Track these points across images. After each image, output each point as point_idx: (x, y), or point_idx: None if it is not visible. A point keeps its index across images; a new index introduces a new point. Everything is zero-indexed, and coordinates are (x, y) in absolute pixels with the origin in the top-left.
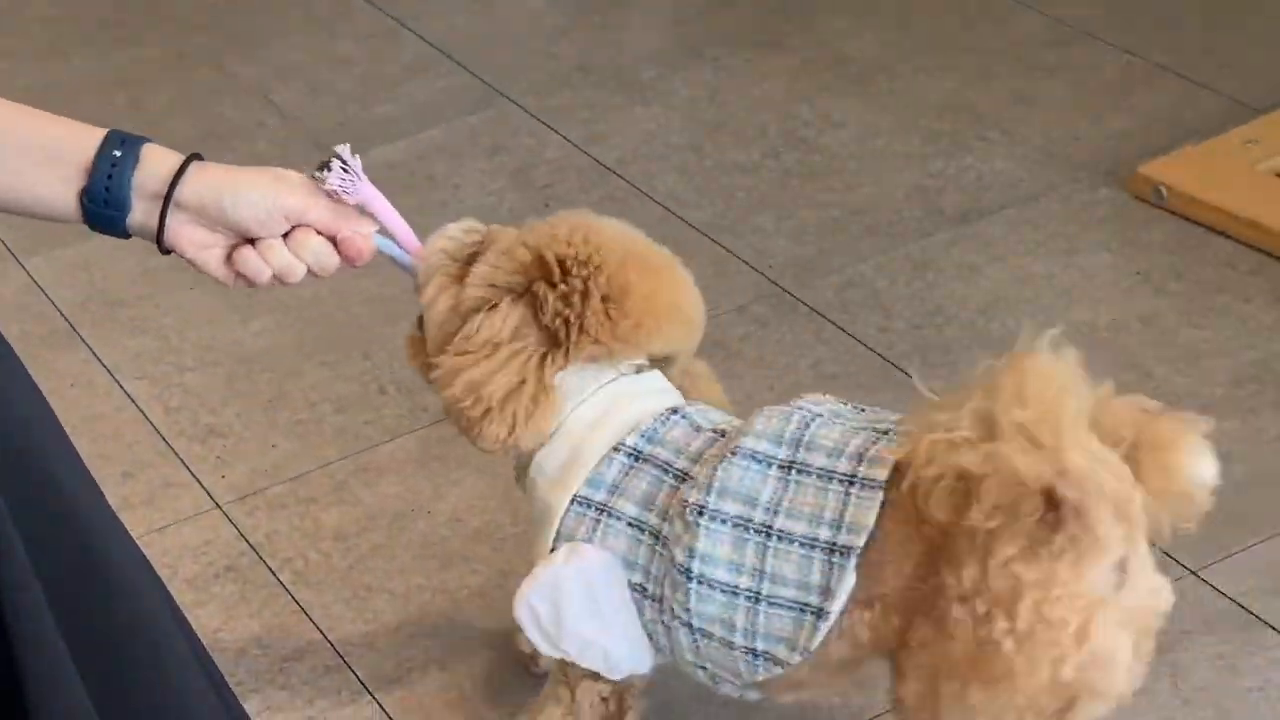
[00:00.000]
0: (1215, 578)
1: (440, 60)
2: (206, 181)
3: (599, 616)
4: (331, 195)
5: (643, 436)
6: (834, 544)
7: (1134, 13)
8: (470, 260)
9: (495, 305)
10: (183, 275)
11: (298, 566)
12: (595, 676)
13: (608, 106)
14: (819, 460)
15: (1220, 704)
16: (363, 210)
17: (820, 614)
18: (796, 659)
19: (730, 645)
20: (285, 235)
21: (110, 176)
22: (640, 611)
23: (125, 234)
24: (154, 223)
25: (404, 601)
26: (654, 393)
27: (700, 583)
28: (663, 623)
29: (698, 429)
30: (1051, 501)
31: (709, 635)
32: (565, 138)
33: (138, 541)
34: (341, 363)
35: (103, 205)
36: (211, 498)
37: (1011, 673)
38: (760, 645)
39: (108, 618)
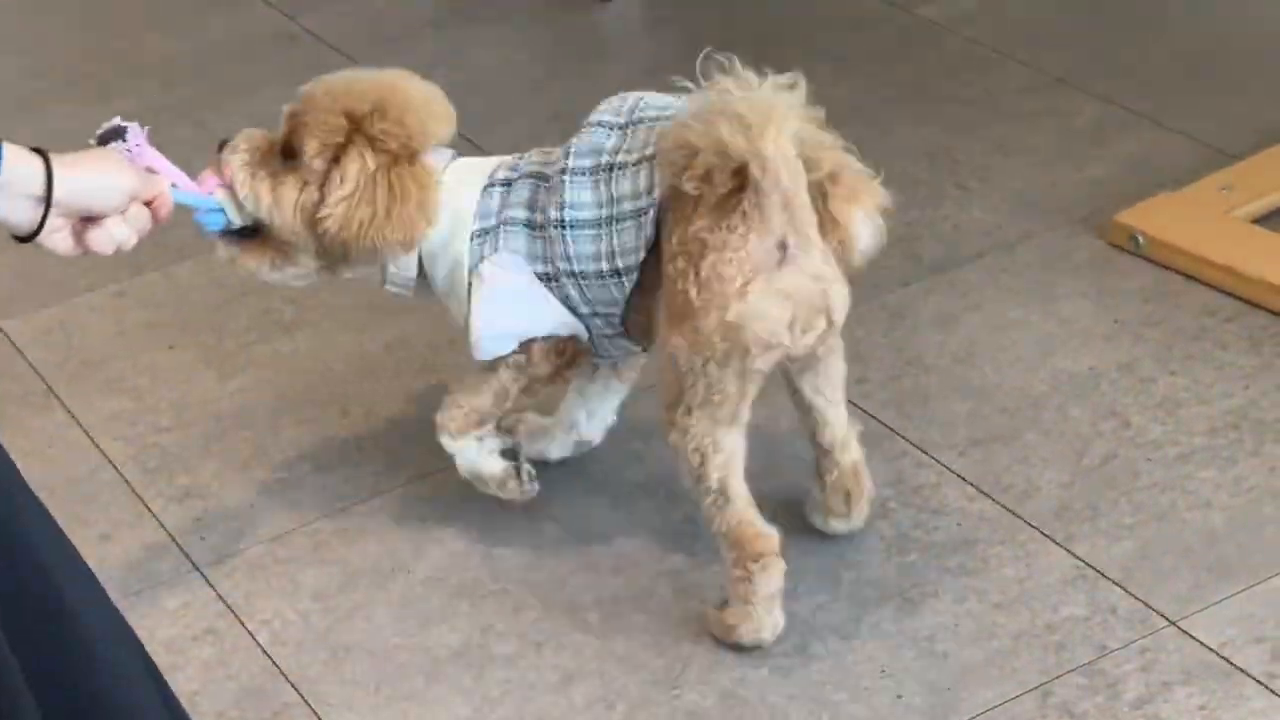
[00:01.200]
0: (1195, 629)
1: None
2: (69, 184)
3: (515, 304)
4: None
5: (509, 169)
6: (651, 157)
7: (1110, 61)
8: (267, 158)
9: (337, 159)
10: (159, 334)
11: (275, 627)
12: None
13: None
14: (642, 134)
15: None
16: (149, 171)
17: (646, 210)
18: (640, 256)
19: (601, 275)
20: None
21: None
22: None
23: None
24: (24, 218)
25: (383, 661)
26: (479, 162)
27: (572, 227)
28: (556, 294)
29: (548, 151)
30: (739, 181)
31: (586, 276)
32: None
33: (115, 605)
34: (319, 420)
35: None
36: (189, 559)
37: (692, 311)
38: (620, 264)
39: (83, 680)
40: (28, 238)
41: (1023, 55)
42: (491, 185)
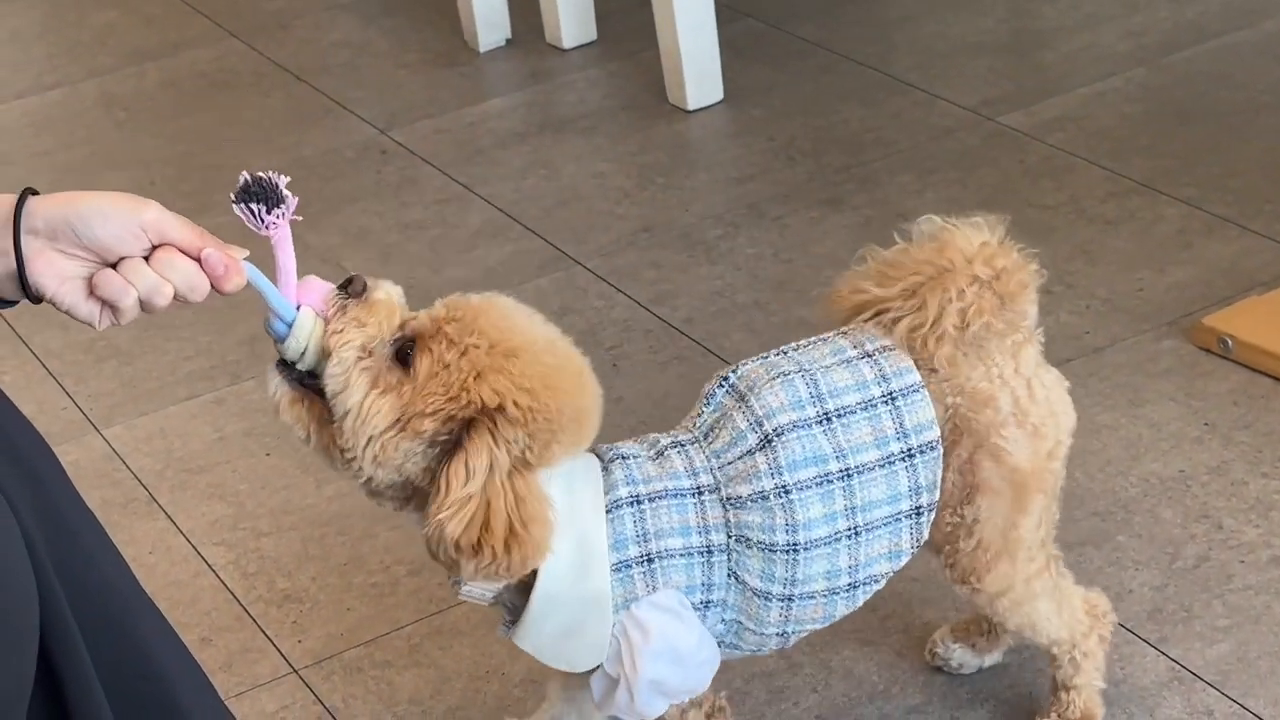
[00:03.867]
0: None
1: (509, 225)
2: (52, 203)
3: (685, 657)
4: (250, 220)
5: (626, 485)
6: (909, 450)
7: (1194, 166)
8: (399, 354)
9: (457, 449)
10: (257, 441)
11: None
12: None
13: (673, 266)
14: (851, 399)
15: None
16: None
17: (919, 511)
18: (903, 561)
19: (833, 592)
20: (148, 258)
21: None
22: (703, 621)
23: None
24: (13, 262)
25: None
26: (577, 467)
27: (806, 549)
28: (723, 620)
29: (654, 455)
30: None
31: (811, 595)
32: (632, 298)
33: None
34: (413, 526)
35: None
36: (289, 663)
37: (1058, 441)
38: (863, 574)
39: None
40: (30, 292)
41: (1106, 161)
42: (617, 505)
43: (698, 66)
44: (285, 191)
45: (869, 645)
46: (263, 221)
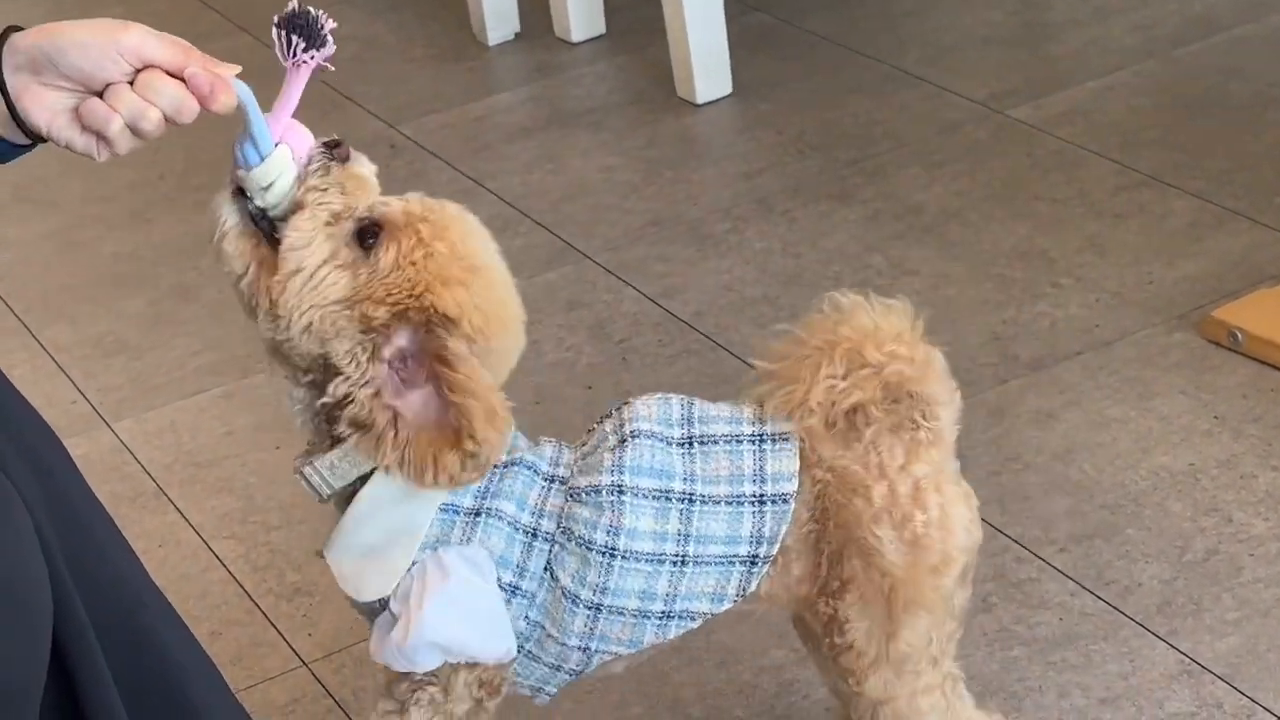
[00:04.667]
0: None
1: (518, 218)
2: (31, 37)
3: (473, 617)
4: (281, 48)
5: None
6: (762, 495)
7: (1203, 160)
8: (360, 234)
9: (447, 355)
10: (266, 435)
11: None
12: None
13: (681, 260)
14: (720, 429)
15: None
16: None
17: (754, 561)
18: (724, 607)
19: (644, 615)
20: (132, 83)
21: None
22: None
23: None
24: (3, 102)
25: None
26: None
27: (625, 558)
28: (526, 617)
29: (536, 441)
30: (908, 403)
31: (620, 611)
32: (641, 292)
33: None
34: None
35: None
36: (298, 656)
37: (947, 557)
38: (679, 606)
39: None
40: (24, 126)
41: (1115, 154)
42: None
43: (706, 60)
44: (328, 35)
45: None
46: (293, 55)
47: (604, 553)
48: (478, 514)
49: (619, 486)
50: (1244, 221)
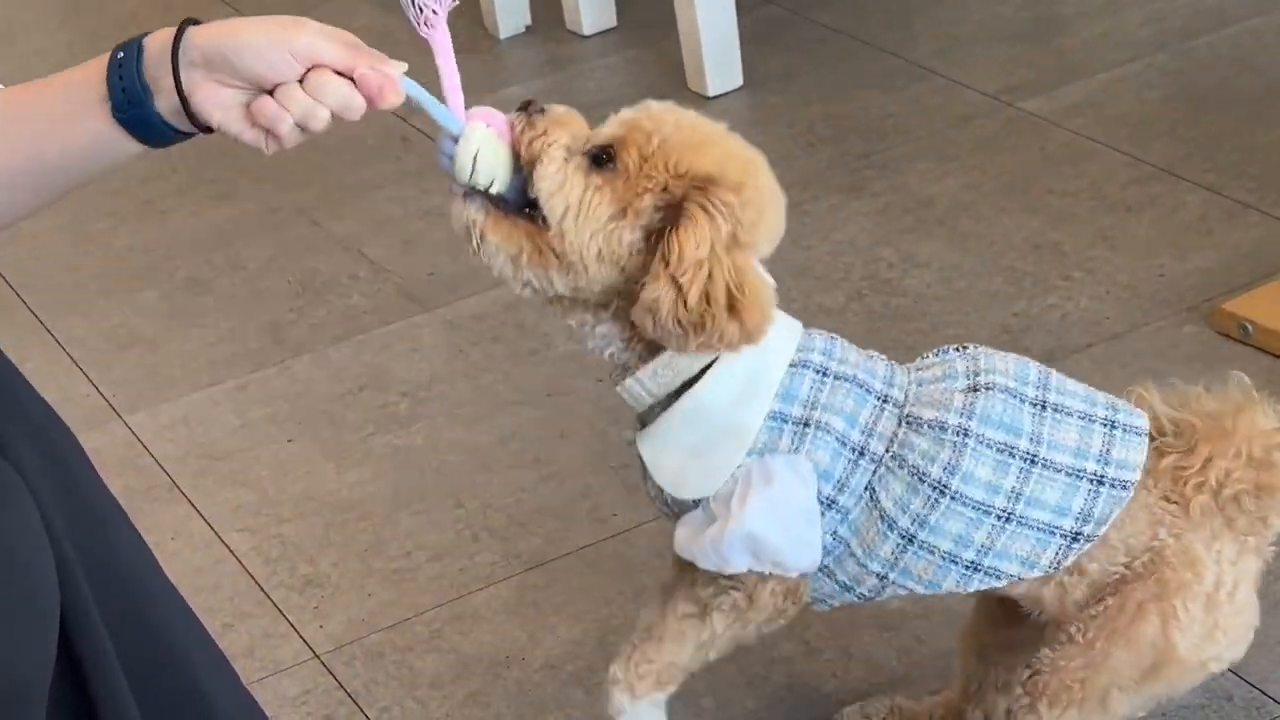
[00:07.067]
0: None
1: None
2: (207, 34)
3: (791, 526)
4: (410, 9)
5: (821, 354)
6: (1102, 476)
7: (1215, 152)
8: (596, 160)
9: (676, 224)
10: (279, 428)
11: (395, 715)
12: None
13: None
14: (1076, 404)
15: None
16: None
17: (1077, 537)
18: (1033, 574)
19: (952, 560)
20: (302, 81)
21: (121, 78)
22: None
23: (167, 132)
24: (176, 96)
25: None
26: (785, 321)
27: (954, 499)
28: (835, 533)
29: (868, 355)
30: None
31: (931, 550)
32: None
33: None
34: (435, 511)
35: (128, 109)
36: (310, 648)
37: (1218, 660)
38: (989, 561)
39: None
40: (198, 122)
41: (1126, 147)
42: (805, 365)
43: (718, 53)
44: None
45: (889, 631)
46: (420, 10)
47: (935, 487)
48: (806, 424)
49: (965, 430)
50: (1255, 214)
